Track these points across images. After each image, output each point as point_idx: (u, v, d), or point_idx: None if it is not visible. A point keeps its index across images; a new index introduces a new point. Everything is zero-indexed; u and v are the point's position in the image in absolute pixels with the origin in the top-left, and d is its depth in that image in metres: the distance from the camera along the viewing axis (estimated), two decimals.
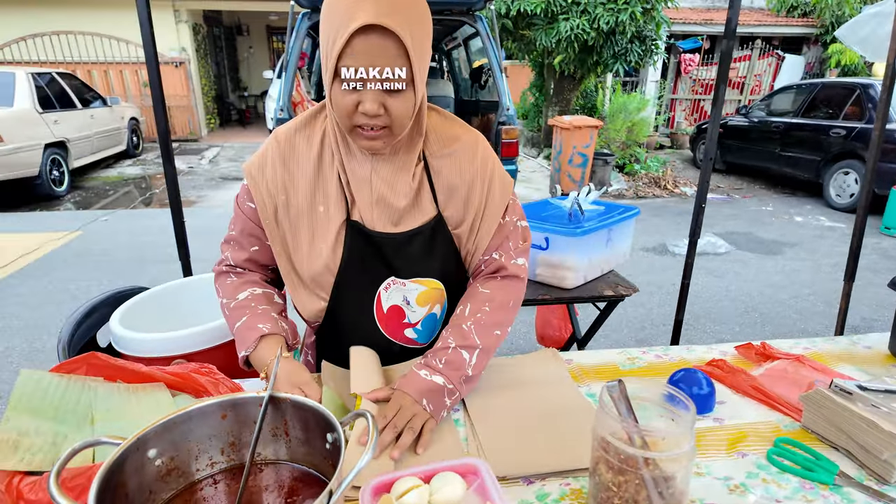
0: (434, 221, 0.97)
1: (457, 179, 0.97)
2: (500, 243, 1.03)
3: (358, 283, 0.98)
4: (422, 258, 0.98)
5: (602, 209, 2.31)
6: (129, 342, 1.26)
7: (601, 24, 6.76)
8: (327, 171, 0.95)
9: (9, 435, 0.72)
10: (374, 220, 0.95)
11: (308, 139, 0.96)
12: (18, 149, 6.02)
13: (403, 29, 0.75)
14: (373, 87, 0.78)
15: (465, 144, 0.98)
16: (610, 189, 7.38)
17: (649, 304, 3.76)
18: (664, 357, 1.15)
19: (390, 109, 0.81)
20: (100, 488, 0.52)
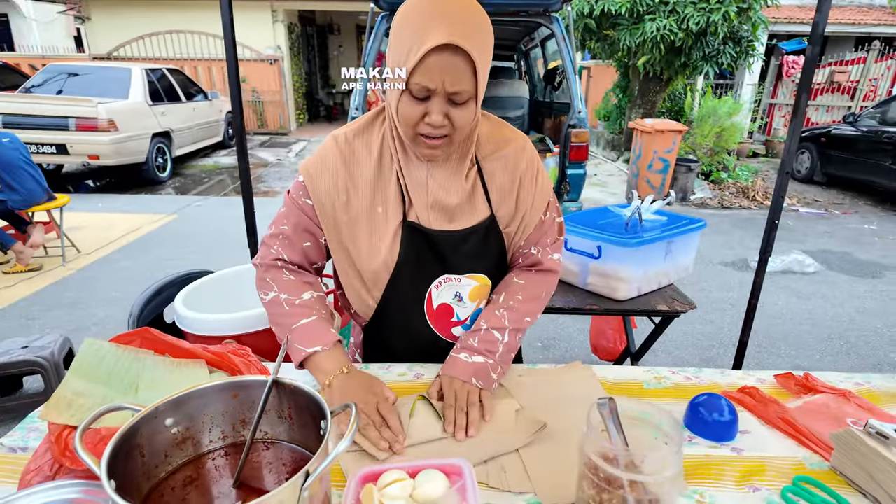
0: (488, 221, 1.03)
1: (508, 181, 1.03)
2: (539, 238, 1.09)
3: (411, 281, 1.04)
4: (476, 255, 1.05)
5: (664, 220, 2.23)
6: (188, 320, 1.39)
7: (690, 24, 6.43)
8: (387, 175, 1.00)
9: (65, 393, 0.83)
10: (431, 220, 1.01)
11: (367, 144, 1.01)
12: (130, 137, 6.67)
13: (473, 48, 0.81)
14: (440, 98, 0.85)
15: (515, 147, 1.04)
16: (692, 197, 7.02)
17: (720, 321, 3.56)
18: (693, 379, 1.11)
19: (454, 120, 0.88)
20: (114, 448, 0.60)
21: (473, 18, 0.84)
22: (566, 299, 2.01)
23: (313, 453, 0.69)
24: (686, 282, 4.20)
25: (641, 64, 7.39)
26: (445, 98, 0.85)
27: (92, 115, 6.29)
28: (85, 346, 0.94)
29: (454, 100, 0.85)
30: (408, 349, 1.15)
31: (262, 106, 11.69)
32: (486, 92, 4.43)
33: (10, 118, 6.22)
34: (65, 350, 2.46)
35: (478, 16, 0.85)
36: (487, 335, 1.03)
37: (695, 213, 6.43)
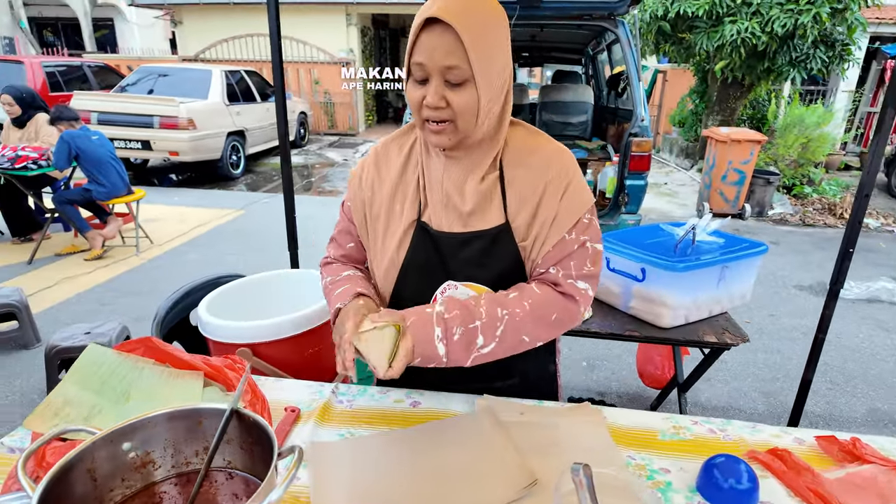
0: (499, 229, 0.97)
1: (529, 190, 0.96)
2: (560, 259, 0.97)
3: (417, 285, 1.01)
4: (477, 263, 0.98)
5: (721, 242, 2.05)
6: (207, 326, 1.41)
7: (776, 26, 5.96)
8: (410, 174, 1.01)
9: (55, 401, 0.85)
10: (441, 220, 0.98)
11: (401, 146, 1.04)
12: (207, 135, 7.06)
13: (463, 25, 0.81)
14: (435, 79, 0.85)
15: (543, 156, 0.98)
16: (770, 213, 6.53)
17: (788, 352, 3.26)
18: (718, 433, 0.99)
19: (452, 103, 0.86)
20: (56, 472, 0.59)
21: (475, 3, 0.84)
22: (605, 323, 1.90)
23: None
24: (752, 305, 3.90)
25: (719, 69, 6.95)
26: (441, 78, 0.85)
27: (174, 114, 6.71)
28: (87, 351, 0.97)
29: (449, 80, 0.85)
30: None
31: (332, 107, 12.06)
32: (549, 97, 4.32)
33: (104, 115, 6.75)
34: (122, 338, 2.61)
35: (483, 3, 0.85)
36: (471, 336, 0.91)
37: (771, 229, 5.97)
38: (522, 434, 0.95)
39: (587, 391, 2.79)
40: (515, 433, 0.95)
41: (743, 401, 2.76)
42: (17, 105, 4.40)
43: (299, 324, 1.43)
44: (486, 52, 0.84)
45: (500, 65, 0.88)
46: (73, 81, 8.59)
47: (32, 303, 3.27)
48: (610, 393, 2.80)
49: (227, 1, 11.34)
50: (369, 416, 1.02)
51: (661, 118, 11.19)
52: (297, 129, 10.18)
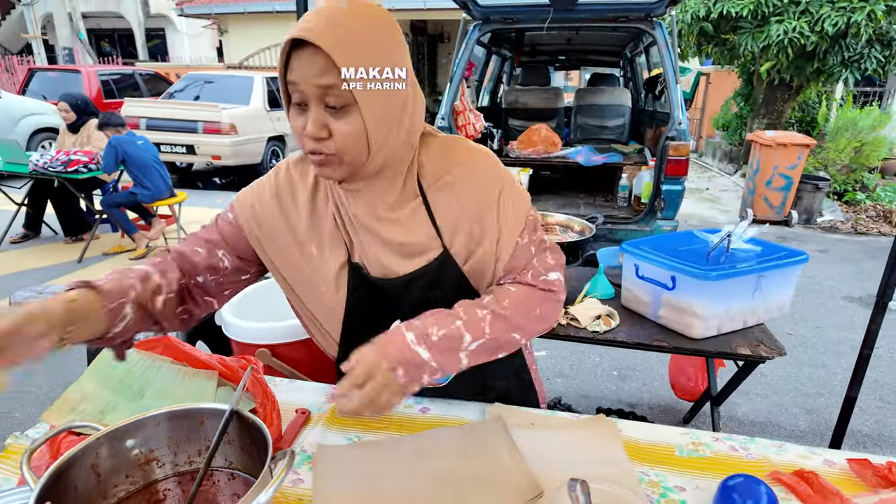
0: (439, 259, 0.89)
1: (459, 211, 0.88)
2: (525, 264, 0.92)
3: (365, 327, 0.90)
4: (426, 299, 0.91)
5: (758, 250, 1.97)
6: (229, 326, 1.44)
7: (826, 25, 5.70)
8: (321, 209, 0.92)
9: (72, 396, 0.88)
10: (373, 261, 0.90)
11: (302, 175, 0.94)
12: (248, 140, 7.27)
13: (336, 42, 0.72)
14: (314, 104, 0.75)
15: (464, 171, 0.89)
16: (819, 220, 6.24)
17: (834, 366, 3.10)
18: (740, 451, 0.94)
19: (333, 132, 0.77)
20: (59, 467, 0.61)
21: (343, 18, 0.74)
22: (633, 332, 1.84)
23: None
24: (797, 316, 3.73)
25: (765, 70, 6.70)
26: (321, 103, 0.75)
27: (216, 120, 6.94)
28: (107, 349, 1.00)
29: (329, 103, 0.75)
30: None
31: None
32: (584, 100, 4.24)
33: (152, 121, 7.05)
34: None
35: (355, 18, 0.75)
36: (455, 334, 0.83)
37: (820, 237, 5.70)
38: (532, 444, 0.93)
39: (617, 402, 2.72)
40: (525, 443, 0.93)
41: (783, 417, 2.63)
42: (72, 112, 4.64)
43: None
44: (369, 73, 0.74)
45: (390, 83, 0.77)
46: (125, 89, 9.01)
47: None
48: (641, 405, 2.72)
49: (270, 10, 11.68)
50: (378, 420, 1.01)
51: (703, 122, 10.87)
52: None
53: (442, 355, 0.82)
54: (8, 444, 0.91)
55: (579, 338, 1.78)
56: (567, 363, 3.08)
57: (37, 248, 4.79)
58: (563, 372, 2.99)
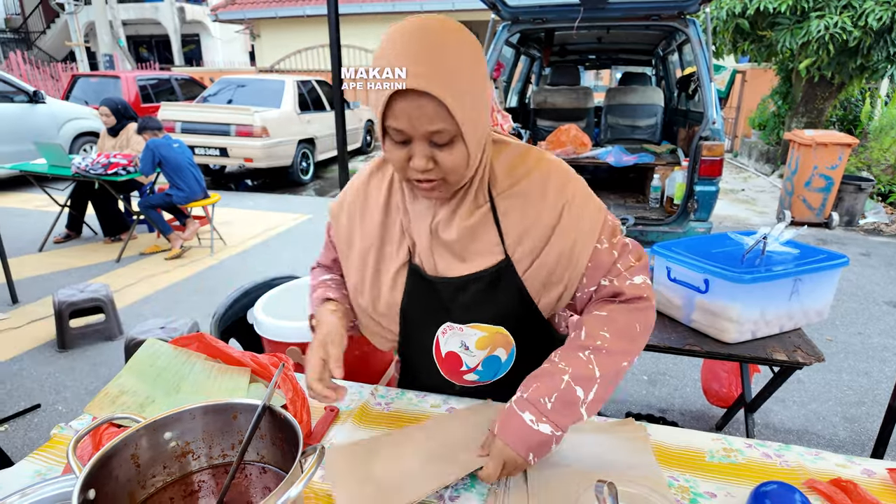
0: (499, 266, 0.91)
1: (527, 220, 0.90)
2: (608, 269, 0.92)
3: (417, 325, 1.00)
4: (478, 303, 0.94)
5: (796, 252, 1.92)
6: (261, 324, 1.48)
7: (870, 20, 5.48)
8: (394, 214, 0.97)
9: (113, 390, 0.92)
10: (434, 264, 0.94)
11: (379, 183, 0.99)
12: (279, 143, 7.40)
13: (441, 87, 0.73)
14: (419, 142, 0.79)
15: (535, 180, 0.91)
16: (862, 222, 6.01)
17: (877, 374, 2.98)
18: (774, 458, 0.91)
19: (440, 163, 0.80)
20: (102, 456, 0.63)
21: (441, 54, 0.74)
22: (664, 336, 1.81)
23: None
24: (838, 321, 3.60)
25: (804, 68, 6.49)
26: (426, 140, 0.78)
27: (248, 123, 7.09)
28: (145, 345, 1.04)
29: (435, 141, 0.78)
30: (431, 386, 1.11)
31: None
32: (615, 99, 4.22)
33: (187, 125, 7.24)
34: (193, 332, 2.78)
35: (448, 49, 0.75)
36: (567, 393, 0.84)
37: (862, 240, 5.49)
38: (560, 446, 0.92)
39: (648, 407, 2.68)
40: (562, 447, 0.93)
41: (821, 425, 2.54)
42: (112, 116, 4.80)
43: None
44: (471, 104, 0.77)
45: (482, 106, 0.81)
46: (162, 93, 9.29)
47: (118, 298, 3.55)
48: (672, 410, 2.67)
49: (301, 14, 11.87)
50: (405, 419, 1.02)
51: (739, 121, 10.60)
52: (364, 136, 10.47)
53: (563, 419, 0.84)
54: (53, 434, 0.95)
55: None
56: None
57: (78, 247, 4.98)
58: None
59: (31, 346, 3.16)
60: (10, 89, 7.04)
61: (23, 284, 3.89)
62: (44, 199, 5.14)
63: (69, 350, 3.12)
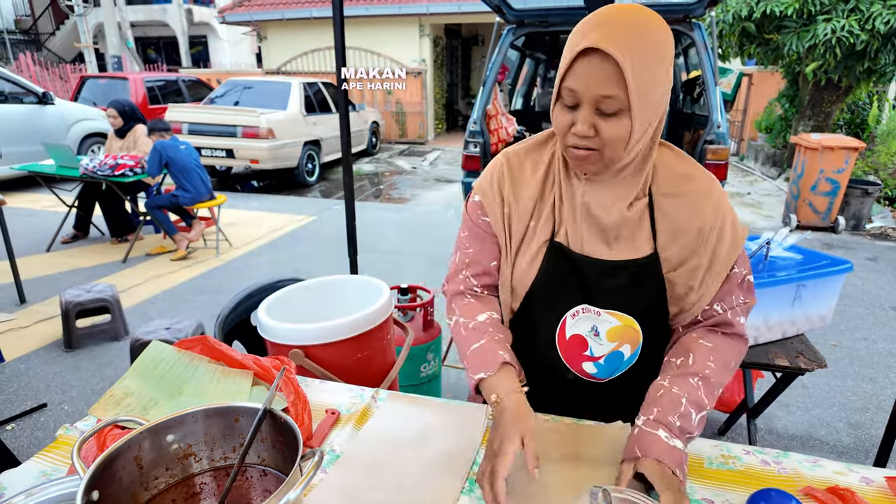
0: (648, 259, 0.94)
1: (684, 222, 0.92)
2: (724, 296, 0.96)
3: (546, 303, 1.00)
4: (624, 292, 0.95)
5: (799, 258, 1.92)
6: (264, 327, 1.49)
7: (877, 23, 5.46)
8: (548, 193, 0.99)
9: (118, 392, 0.93)
10: (582, 243, 0.95)
11: (535, 162, 1.01)
12: (285, 144, 7.44)
13: (624, 54, 0.77)
14: (586, 107, 0.82)
15: (699, 187, 0.94)
16: (868, 226, 5.98)
17: (882, 380, 2.97)
18: (772, 465, 0.91)
19: (601, 132, 0.83)
20: (106, 458, 0.64)
21: (635, 27, 0.79)
22: None
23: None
24: (843, 327, 3.58)
25: (811, 71, 6.46)
26: (593, 107, 0.82)
27: (255, 124, 7.13)
28: (149, 347, 1.05)
29: (602, 109, 0.81)
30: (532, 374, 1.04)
31: (404, 116, 12.35)
32: None
33: (194, 126, 7.29)
34: (197, 334, 2.80)
35: (644, 26, 0.79)
36: (686, 415, 0.87)
37: (869, 244, 5.46)
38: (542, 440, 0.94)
39: None
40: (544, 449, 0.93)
41: (825, 431, 2.53)
42: (119, 117, 4.84)
43: (349, 328, 1.47)
44: (648, 82, 0.80)
45: (660, 93, 0.83)
46: (169, 95, 9.36)
47: (124, 298, 3.58)
48: None
49: (307, 16, 11.92)
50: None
51: (745, 124, 10.56)
52: (369, 137, 10.50)
53: (686, 441, 0.87)
54: (59, 435, 0.97)
55: None
56: None
57: (85, 247, 5.02)
58: None
59: (38, 345, 3.19)
60: (20, 90, 7.11)
61: (30, 284, 3.93)
62: (52, 199, 5.18)
63: (75, 350, 3.14)
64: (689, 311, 0.97)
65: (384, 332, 1.63)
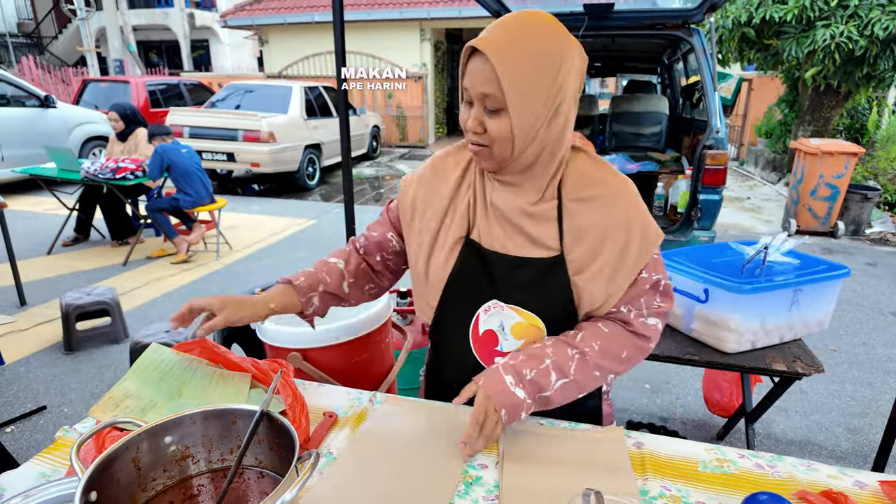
0: (553, 260, 0.96)
1: (590, 226, 0.95)
2: (632, 300, 0.99)
3: (461, 299, 1.03)
4: (528, 288, 0.98)
5: (797, 263, 1.92)
6: (263, 330, 1.50)
7: (876, 29, 5.48)
8: (463, 191, 1.04)
9: (117, 393, 0.94)
10: (493, 240, 0.99)
11: (457, 162, 1.06)
12: (286, 148, 7.46)
13: (497, 55, 0.83)
14: (476, 104, 0.89)
15: (607, 192, 0.96)
16: (868, 231, 5.99)
17: (881, 384, 2.97)
18: (766, 468, 0.92)
19: (488, 129, 0.88)
20: (103, 460, 0.65)
21: (518, 29, 0.85)
22: (663, 345, 1.82)
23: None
24: (842, 331, 3.59)
25: (810, 76, 6.48)
26: (482, 105, 0.88)
27: (256, 128, 7.15)
28: (149, 350, 1.05)
29: (487, 107, 0.87)
30: (453, 373, 1.10)
31: (405, 121, 12.38)
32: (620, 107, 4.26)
33: (195, 129, 7.32)
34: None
35: (527, 28, 0.85)
36: (544, 375, 0.94)
37: (869, 249, 5.47)
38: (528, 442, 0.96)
39: (649, 416, 2.68)
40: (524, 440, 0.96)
41: (824, 436, 2.54)
42: (121, 121, 4.86)
43: (346, 332, 1.48)
44: (526, 83, 0.84)
45: (543, 95, 0.86)
46: (170, 98, 9.39)
47: (124, 301, 3.59)
48: (673, 419, 2.67)
49: (309, 21, 11.97)
50: None
51: (745, 129, 10.59)
52: (370, 141, 10.52)
53: (534, 393, 0.95)
54: (58, 436, 0.98)
55: None
56: None
57: (86, 250, 5.03)
58: None
59: (38, 348, 3.20)
60: (22, 94, 7.14)
61: (31, 287, 3.94)
62: (53, 202, 5.20)
63: (75, 352, 3.15)
64: (601, 312, 0.99)
65: (382, 336, 1.64)
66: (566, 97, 0.89)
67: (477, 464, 0.93)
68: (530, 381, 0.93)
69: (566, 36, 0.88)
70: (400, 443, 0.98)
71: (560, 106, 0.88)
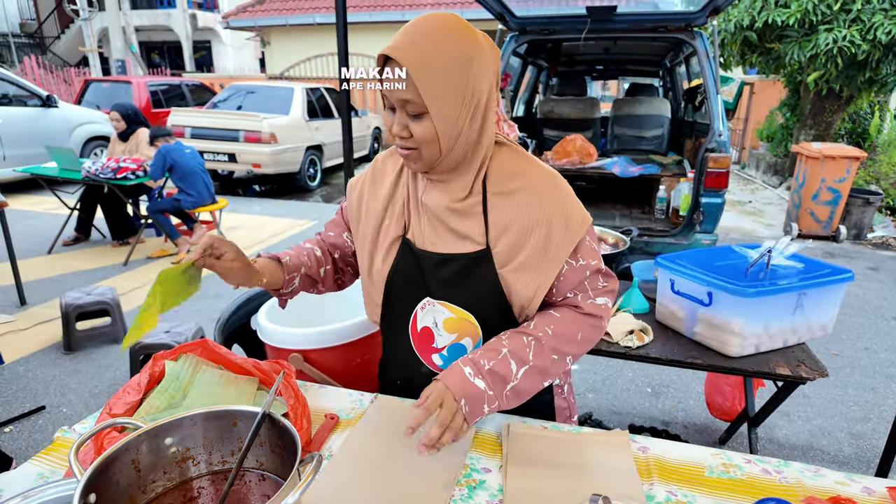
0: (479, 254, 0.98)
1: (512, 218, 0.96)
2: (576, 286, 1.01)
3: (401, 298, 1.06)
4: (454, 284, 1.00)
5: (800, 266, 1.91)
6: (264, 331, 1.49)
7: (878, 34, 5.48)
8: (399, 191, 1.06)
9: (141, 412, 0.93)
10: (424, 239, 1.01)
11: (395, 164, 1.08)
12: (287, 149, 7.46)
13: (413, 62, 0.84)
14: (398, 110, 0.89)
15: (528, 185, 0.97)
16: (870, 235, 5.98)
17: (884, 390, 2.96)
18: (773, 474, 0.91)
19: (414, 133, 0.89)
20: (102, 461, 0.64)
21: (427, 32, 0.86)
22: (666, 348, 1.81)
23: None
24: (844, 336, 3.57)
25: (812, 80, 6.48)
26: (403, 110, 0.89)
27: (257, 129, 7.15)
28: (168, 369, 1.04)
29: (408, 111, 0.88)
30: (397, 370, 1.15)
31: None
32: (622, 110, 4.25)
33: (196, 130, 7.32)
34: (198, 337, 2.80)
35: (435, 31, 0.86)
36: (503, 364, 0.95)
37: (870, 254, 5.46)
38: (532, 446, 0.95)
39: (650, 419, 2.66)
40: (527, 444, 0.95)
41: (826, 441, 2.52)
42: (122, 121, 4.86)
43: (348, 333, 1.47)
44: (441, 85, 0.85)
45: (460, 95, 0.87)
46: (172, 99, 9.39)
47: (124, 301, 3.58)
48: (675, 423, 2.66)
49: (311, 22, 11.99)
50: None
51: (747, 132, 10.59)
52: (371, 143, 10.52)
53: (496, 384, 0.95)
54: (56, 437, 0.97)
55: (611, 353, 1.76)
56: (599, 378, 3.03)
57: (86, 250, 5.03)
58: (594, 387, 2.95)
59: (38, 347, 3.19)
60: (24, 93, 7.14)
61: (31, 286, 3.93)
62: (54, 201, 5.19)
63: (75, 352, 3.14)
64: (528, 306, 1.00)
65: None
66: (482, 94, 0.90)
67: (480, 467, 0.92)
68: (489, 370, 0.94)
69: (474, 34, 0.89)
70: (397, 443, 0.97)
71: (478, 103, 0.90)
